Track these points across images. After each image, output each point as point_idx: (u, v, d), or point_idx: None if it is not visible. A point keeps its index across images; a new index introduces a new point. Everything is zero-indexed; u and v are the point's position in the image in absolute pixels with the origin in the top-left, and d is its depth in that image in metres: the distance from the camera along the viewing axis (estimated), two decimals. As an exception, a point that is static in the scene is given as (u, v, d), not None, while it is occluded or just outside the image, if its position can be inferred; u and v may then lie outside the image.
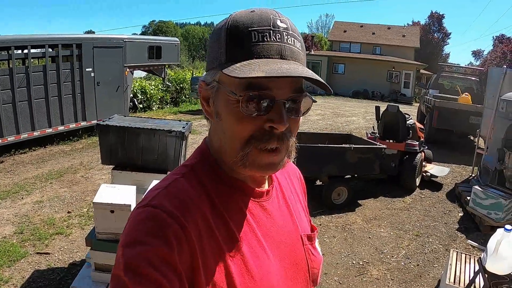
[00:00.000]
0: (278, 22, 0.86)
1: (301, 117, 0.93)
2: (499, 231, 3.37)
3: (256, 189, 1.01)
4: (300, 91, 0.88)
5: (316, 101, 0.95)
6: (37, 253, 5.05)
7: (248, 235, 0.94)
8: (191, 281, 0.82)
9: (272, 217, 1.02)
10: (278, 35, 0.85)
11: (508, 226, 3.32)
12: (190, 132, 5.04)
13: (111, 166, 4.72)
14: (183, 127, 4.62)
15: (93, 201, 3.28)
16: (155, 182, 3.53)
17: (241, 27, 0.85)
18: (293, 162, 1.09)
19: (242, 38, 0.85)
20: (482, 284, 3.62)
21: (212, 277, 0.85)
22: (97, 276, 3.53)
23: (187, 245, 0.82)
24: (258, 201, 1.01)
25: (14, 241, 5.29)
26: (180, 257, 0.80)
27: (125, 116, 5.48)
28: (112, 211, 3.24)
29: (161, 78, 17.13)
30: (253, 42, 0.84)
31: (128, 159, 4.50)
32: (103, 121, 4.54)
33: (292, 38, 0.88)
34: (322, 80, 0.84)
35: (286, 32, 0.87)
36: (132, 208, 3.27)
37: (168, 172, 4.55)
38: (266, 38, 0.84)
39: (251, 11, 0.88)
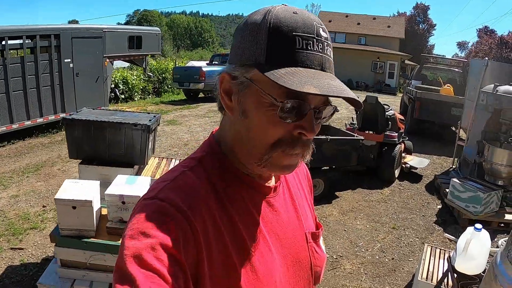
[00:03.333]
0: (321, 31, 0.86)
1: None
2: (469, 229, 3.35)
3: (264, 185, 1.02)
4: (328, 101, 0.89)
5: (338, 110, 0.96)
6: (11, 248, 5.02)
7: (254, 231, 0.95)
8: (195, 275, 0.82)
9: (278, 213, 1.03)
10: (320, 45, 0.85)
11: (478, 225, 3.30)
12: (158, 125, 5.00)
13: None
14: (150, 120, 4.61)
15: (55, 197, 3.23)
16: (118, 177, 3.50)
17: (285, 29, 0.83)
18: None
19: (285, 42, 0.83)
20: (451, 284, 3.60)
21: (217, 272, 0.85)
22: (64, 272, 3.48)
23: (192, 239, 0.82)
24: (265, 197, 1.01)
25: (-11, 236, 5.24)
26: (185, 251, 0.80)
27: (94, 109, 5.42)
28: (74, 207, 3.19)
29: (143, 68, 17.02)
30: (297, 48, 0.82)
31: (95, 153, 4.48)
32: (70, 114, 4.49)
33: (330, 49, 0.88)
34: (360, 101, 0.87)
35: (326, 42, 0.87)
36: (93, 204, 3.25)
37: (135, 166, 4.55)
38: (310, 47, 0.83)
39: (294, 12, 0.86)
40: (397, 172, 8.40)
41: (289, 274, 1.02)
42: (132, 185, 3.30)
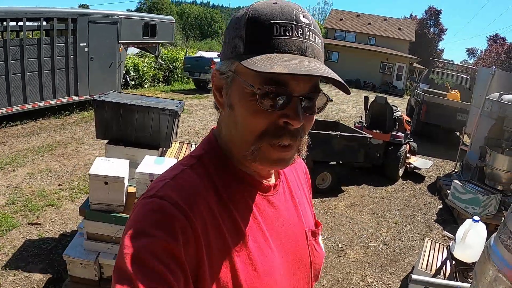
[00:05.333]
0: (301, 17, 0.84)
1: (315, 115, 0.91)
2: (468, 221, 3.52)
3: (264, 183, 1.00)
4: (317, 89, 0.87)
5: (332, 100, 0.94)
6: (29, 223, 5.13)
7: (254, 229, 0.94)
8: (195, 274, 0.81)
9: (278, 211, 1.02)
10: (300, 31, 0.83)
11: (476, 217, 3.47)
12: (182, 111, 5.14)
13: (103, 141, 4.81)
14: (176, 106, 4.74)
15: (89, 172, 3.39)
16: (147, 157, 3.68)
17: (263, 19, 0.83)
18: None
19: (263, 31, 0.83)
20: (449, 270, 3.80)
21: (217, 271, 0.84)
22: (89, 245, 3.65)
23: (193, 238, 0.81)
24: (265, 195, 1.00)
25: (6, 211, 5.37)
26: (185, 251, 0.79)
27: (119, 93, 5.59)
28: (106, 183, 3.36)
29: (155, 56, 17.15)
30: (274, 35, 0.82)
31: (122, 134, 4.60)
32: (99, 96, 4.63)
33: (314, 35, 0.86)
34: (342, 81, 0.83)
35: (308, 28, 0.85)
36: (125, 181, 3.42)
37: (160, 149, 4.69)
38: (288, 33, 0.82)
39: (274, 3, 0.85)
40: (401, 172, 8.60)
41: (289, 272, 1.00)
42: (160, 165, 3.46)
